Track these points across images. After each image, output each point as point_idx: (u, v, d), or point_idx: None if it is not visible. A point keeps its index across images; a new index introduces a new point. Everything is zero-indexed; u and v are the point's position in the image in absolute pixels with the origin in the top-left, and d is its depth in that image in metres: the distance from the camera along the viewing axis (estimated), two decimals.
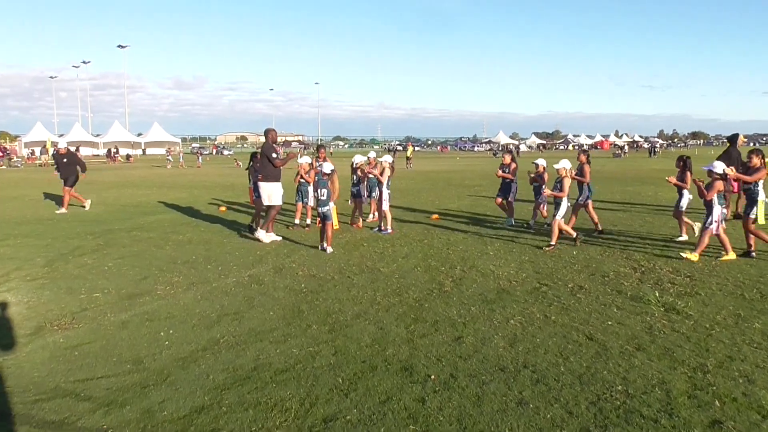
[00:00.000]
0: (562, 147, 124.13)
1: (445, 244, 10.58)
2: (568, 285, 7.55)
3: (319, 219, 10.35)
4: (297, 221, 12.74)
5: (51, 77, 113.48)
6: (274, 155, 10.78)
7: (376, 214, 12.43)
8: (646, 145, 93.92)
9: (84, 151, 71.33)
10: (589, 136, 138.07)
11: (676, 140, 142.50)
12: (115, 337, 5.79)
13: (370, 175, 12.12)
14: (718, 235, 8.84)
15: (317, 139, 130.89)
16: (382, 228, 11.81)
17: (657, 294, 6.95)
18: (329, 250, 9.80)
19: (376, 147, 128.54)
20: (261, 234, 10.85)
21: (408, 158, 44.75)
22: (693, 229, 10.53)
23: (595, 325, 5.95)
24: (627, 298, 6.92)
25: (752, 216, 9.06)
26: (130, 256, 9.74)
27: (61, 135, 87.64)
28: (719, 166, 8.95)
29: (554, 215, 10.11)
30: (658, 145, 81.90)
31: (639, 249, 9.83)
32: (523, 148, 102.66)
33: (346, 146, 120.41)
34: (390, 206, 12.17)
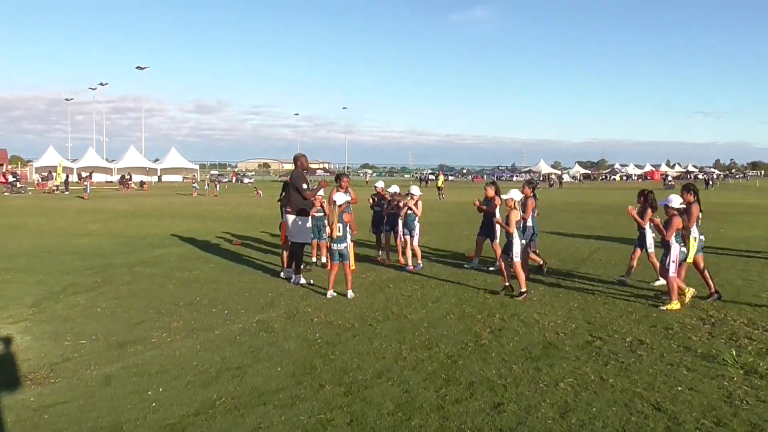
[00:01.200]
0: (611, 177, 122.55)
1: (482, 286, 10.02)
2: (626, 339, 6.93)
3: (330, 260, 9.75)
4: (314, 260, 12.28)
5: (67, 99, 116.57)
6: (304, 186, 10.42)
7: (406, 252, 11.90)
8: (701, 176, 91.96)
9: (96, 178, 72.90)
10: (638, 166, 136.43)
11: (734, 171, 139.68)
12: (95, 396, 5.36)
13: (408, 210, 11.74)
14: (669, 278, 8.44)
15: (344, 167, 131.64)
16: (412, 266, 11.41)
17: (734, 352, 6.30)
18: (350, 294, 9.31)
19: (406, 176, 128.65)
20: (300, 279, 10.39)
21: (439, 188, 44.23)
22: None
23: (663, 392, 5.33)
24: (697, 357, 6.27)
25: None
26: (127, 296, 9.40)
27: (74, 160, 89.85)
28: (676, 200, 8.54)
29: (510, 257, 9.25)
30: (714, 176, 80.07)
31: (704, 295, 9.14)
32: (566, 178, 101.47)
33: (375, 174, 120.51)
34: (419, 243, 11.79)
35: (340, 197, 9.42)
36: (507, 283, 9.33)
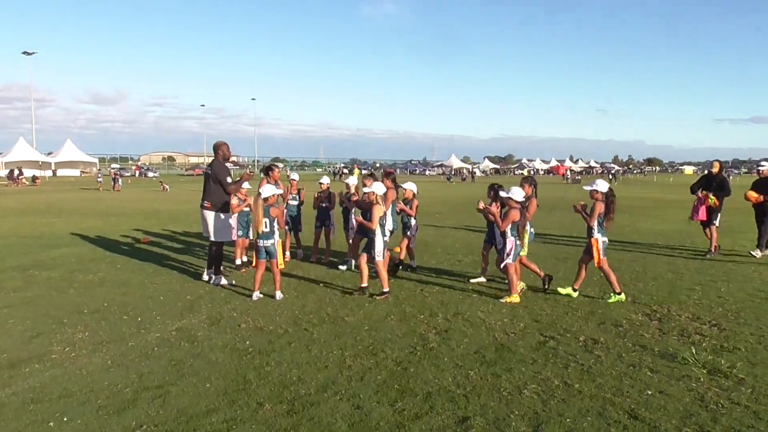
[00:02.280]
0: (518, 171, 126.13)
1: (417, 284, 9.56)
2: (579, 338, 6.63)
3: (255, 258, 8.90)
4: (238, 261, 11.33)
5: None
6: (228, 179, 9.53)
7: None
8: (600, 171, 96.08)
9: None
10: (544, 161, 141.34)
11: (631, 166, 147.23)
12: None
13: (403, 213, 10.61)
14: (509, 271, 8.41)
15: (254, 160, 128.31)
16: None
17: (693, 350, 6.10)
18: (278, 295, 8.60)
19: (319, 169, 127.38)
20: (221, 280, 9.52)
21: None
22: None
23: (633, 397, 5.01)
24: (657, 356, 6.04)
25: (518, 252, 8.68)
26: (20, 305, 8.27)
27: None
28: (518, 193, 8.45)
29: (372, 255, 8.77)
30: (615, 171, 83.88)
31: (641, 291, 9.08)
32: (477, 172, 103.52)
33: (288, 167, 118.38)
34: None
35: (267, 189, 8.67)
36: (364, 284, 8.82)
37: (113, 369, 5.74)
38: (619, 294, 8.32)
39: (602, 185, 8.41)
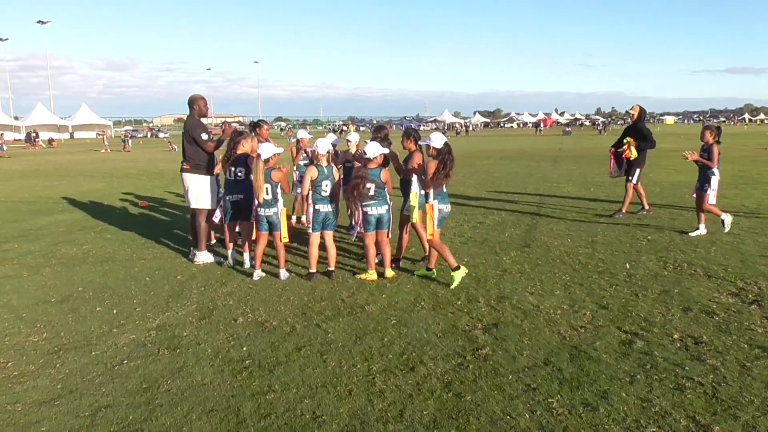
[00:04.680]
0: (508, 125, 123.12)
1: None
2: (672, 335, 4.72)
3: (255, 230, 6.88)
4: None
5: None
6: (203, 136, 7.49)
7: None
8: (587, 123, 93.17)
9: (6, 136, 64.81)
10: (532, 114, 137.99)
11: (614, 117, 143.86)
12: None
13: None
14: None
15: (257, 120, 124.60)
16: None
17: None
18: (283, 274, 6.71)
19: (319, 127, 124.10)
20: (204, 257, 7.51)
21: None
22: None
23: None
24: None
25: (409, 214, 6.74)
26: None
27: None
28: (438, 139, 6.15)
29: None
30: (602, 122, 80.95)
31: (706, 259, 7.16)
32: (471, 127, 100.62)
33: (289, 126, 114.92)
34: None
35: (267, 149, 6.63)
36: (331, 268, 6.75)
37: (59, 401, 3.84)
38: (457, 269, 6.18)
39: (438, 139, 6.15)
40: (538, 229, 9.27)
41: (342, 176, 7.26)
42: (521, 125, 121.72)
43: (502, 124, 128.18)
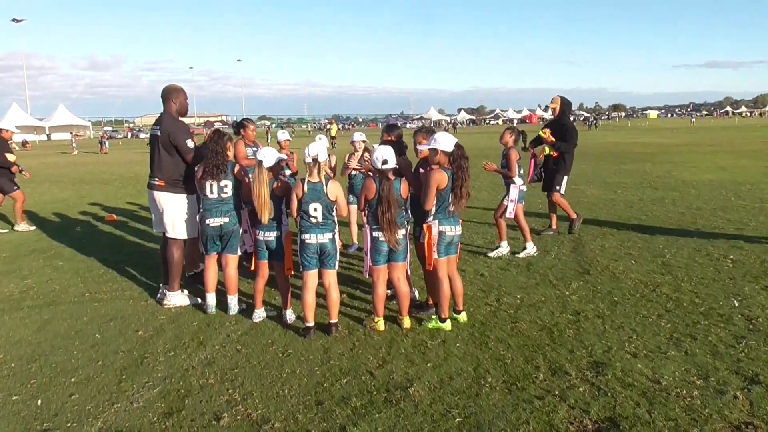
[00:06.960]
0: (494, 122, 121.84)
1: (487, 296, 5.87)
2: None
3: (255, 260, 5.11)
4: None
5: None
6: (189, 143, 5.52)
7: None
8: (580, 119, 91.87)
9: None
10: (517, 111, 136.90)
11: (598, 113, 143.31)
12: None
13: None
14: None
15: (241, 119, 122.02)
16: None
17: None
18: (290, 316, 4.98)
19: (303, 126, 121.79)
20: (178, 299, 5.65)
21: (333, 137, 40.40)
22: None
23: None
24: None
25: None
26: None
27: None
28: (447, 141, 4.68)
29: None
30: (592, 118, 79.60)
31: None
32: (456, 125, 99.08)
33: (273, 126, 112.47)
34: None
35: (269, 154, 4.82)
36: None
37: None
38: (444, 321, 4.80)
39: (446, 141, 4.69)
40: (587, 247, 7.57)
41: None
42: (506, 122, 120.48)
43: (487, 121, 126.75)
